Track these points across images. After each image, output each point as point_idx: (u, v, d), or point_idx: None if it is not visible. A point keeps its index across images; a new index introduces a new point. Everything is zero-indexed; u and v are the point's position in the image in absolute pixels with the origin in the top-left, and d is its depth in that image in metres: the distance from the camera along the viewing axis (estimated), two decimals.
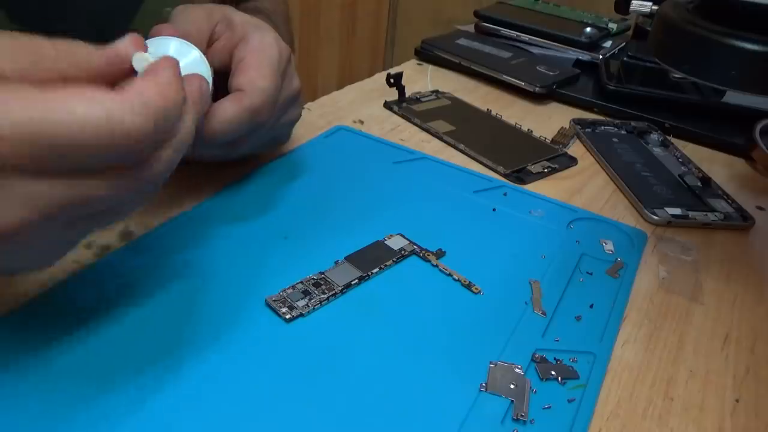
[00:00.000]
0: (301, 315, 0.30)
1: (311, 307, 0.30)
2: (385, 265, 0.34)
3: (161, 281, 0.30)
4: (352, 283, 0.32)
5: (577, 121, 0.55)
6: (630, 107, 0.59)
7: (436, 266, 0.34)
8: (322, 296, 0.31)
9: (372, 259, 0.34)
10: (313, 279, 0.32)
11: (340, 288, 0.31)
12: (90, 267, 0.31)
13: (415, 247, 0.35)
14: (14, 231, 0.20)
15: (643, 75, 0.63)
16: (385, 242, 0.35)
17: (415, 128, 0.52)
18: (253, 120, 0.32)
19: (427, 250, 0.35)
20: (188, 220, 0.35)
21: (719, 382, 0.30)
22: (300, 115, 0.40)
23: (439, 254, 0.35)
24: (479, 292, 0.33)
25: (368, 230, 0.36)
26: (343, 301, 0.31)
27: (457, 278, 0.33)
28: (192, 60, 0.28)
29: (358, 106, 0.55)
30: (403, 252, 0.35)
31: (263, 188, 0.39)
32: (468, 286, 0.33)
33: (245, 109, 0.32)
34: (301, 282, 0.31)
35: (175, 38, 0.28)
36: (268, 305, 0.30)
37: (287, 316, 0.29)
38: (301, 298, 0.30)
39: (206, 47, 0.34)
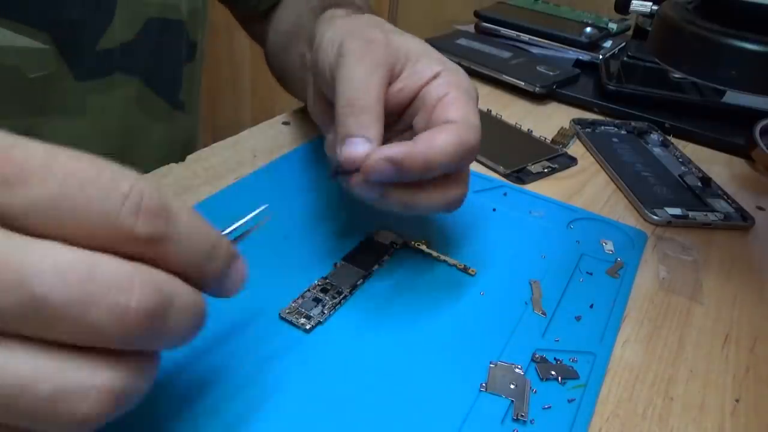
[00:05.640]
0: (320, 323, 0.29)
1: (327, 314, 0.30)
2: (383, 261, 0.34)
3: None
4: (358, 283, 0.32)
5: (577, 121, 0.55)
6: (630, 107, 0.59)
7: (429, 254, 0.35)
8: (334, 300, 0.30)
9: (368, 256, 0.34)
10: (319, 285, 0.31)
11: (348, 290, 0.31)
12: None
13: (403, 239, 0.36)
14: None
15: (643, 75, 0.63)
16: (375, 239, 0.35)
17: None
18: (464, 158, 0.28)
19: (416, 240, 0.35)
20: None
21: (719, 382, 0.30)
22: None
23: (427, 243, 0.35)
24: (474, 274, 0.34)
25: (363, 231, 0.36)
26: (350, 304, 0.31)
27: (452, 263, 0.34)
28: None
29: None
30: (394, 245, 0.35)
31: (262, 189, 0.39)
32: (464, 270, 0.34)
33: (462, 143, 0.28)
34: (309, 290, 0.31)
35: None
36: (283, 318, 0.29)
37: (307, 327, 0.29)
38: (314, 306, 0.30)
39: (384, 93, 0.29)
